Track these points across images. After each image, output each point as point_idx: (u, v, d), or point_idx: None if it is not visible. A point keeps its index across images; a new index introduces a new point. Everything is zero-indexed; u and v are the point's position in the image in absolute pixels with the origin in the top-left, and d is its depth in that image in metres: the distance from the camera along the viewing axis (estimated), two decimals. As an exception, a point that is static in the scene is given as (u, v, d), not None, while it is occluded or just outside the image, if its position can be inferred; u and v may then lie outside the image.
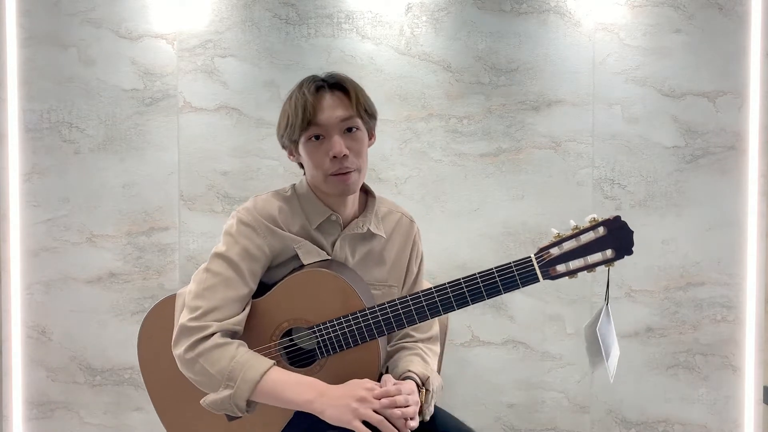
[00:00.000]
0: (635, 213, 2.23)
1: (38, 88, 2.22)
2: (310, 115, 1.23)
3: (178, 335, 1.22)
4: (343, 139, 1.24)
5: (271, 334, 1.27)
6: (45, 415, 2.26)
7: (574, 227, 1.22)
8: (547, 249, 1.20)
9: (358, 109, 1.26)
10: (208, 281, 1.24)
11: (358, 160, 1.26)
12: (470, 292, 1.22)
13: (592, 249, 1.20)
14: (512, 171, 2.23)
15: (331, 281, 1.25)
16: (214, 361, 1.18)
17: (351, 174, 1.26)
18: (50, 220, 2.23)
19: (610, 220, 1.21)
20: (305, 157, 1.28)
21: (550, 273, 1.20)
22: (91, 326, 2.24)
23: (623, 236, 1.20)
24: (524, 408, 2.26)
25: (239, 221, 1.28)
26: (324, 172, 1.26)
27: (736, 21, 2.20)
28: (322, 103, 1.24)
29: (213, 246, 1.31)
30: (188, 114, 2.22)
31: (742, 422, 2.24)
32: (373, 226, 1.35)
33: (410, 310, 1.24)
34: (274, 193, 1.34)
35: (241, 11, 2.21)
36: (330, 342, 1.25)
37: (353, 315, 1.24)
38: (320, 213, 1.31)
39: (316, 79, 1.28)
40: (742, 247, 2.22)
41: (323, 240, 1.32)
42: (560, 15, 2.21)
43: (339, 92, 1.26)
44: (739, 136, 2.21)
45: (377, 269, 1.37)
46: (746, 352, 2.23)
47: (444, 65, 2.22)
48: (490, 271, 1.21)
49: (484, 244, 2.23)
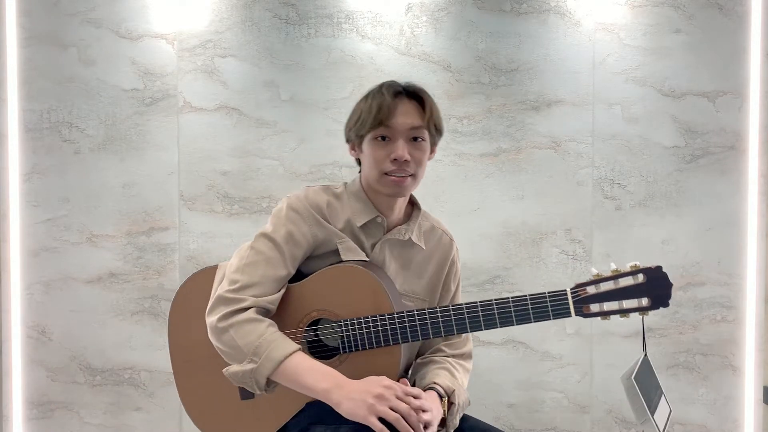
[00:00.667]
0: (635, 213, 2.23)
1: (38, 88, 2.22)
2: (383, 116, 1.27)
3: (214, 303, 1.25)
4: (407, 146, 1.29)
5: (299, 321, 1.30)
6: (45, 415, 2.26)
7: (614, 270, 1.21)
8: (584, 286, 1.21)
9: (428, 122, 1.30)
10: (250, 257, 1.27)
11: (416, 168, 1.31)
12: (500, 315, 1.23)
13: (628, 294, 1.20)
14: (512, 171, 2.23)
15: (366, 280, 1.27)
16: (244, 334, 1.20)
17: (407, 178, 1.30)
18: (50, 220, 2.23)
19: (651, 269, 1.20)
20: (367, 153, 1.32)
21: (583, 310, 1.20)
22: (91, 326, 2.24)
23: (662, 287, 1.19)
24: (524, 408, 2.26)
25: (289, 206, 1.31)
26: (381, 171, 1.29)
27: (736, 21, 2.20)
28: (398, 108, 1.28)
29: (213, 246, 1.32)
30: (188, 114, 2.22)
31: (742, 422, 2.24)
32: (415, 236, 1.38)
33: (438, 323, 1.26)
34: (324, 187, 1.37)
35: (241, 11, 2.21)
36: (354, 339, 1.27)
37: (381, 316, 1.25)
38: (367, 213, 1.34)
39: (397, 85, 1.32)
40: (742, 247, 2.22)
41: (365, 240, 1.34)
42: (560, 15, 2.21)
43: (415, 102, 1.31)
44: (739, 136, 2.21)
45: (412, 280, 1.39)
46: (746, 352, 2.23)
47: (444, 65, 2.22)
48: (523, 298, 1.22)
49: (484, 244, 2.23)
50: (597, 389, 2.26)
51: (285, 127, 2.22)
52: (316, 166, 2.22)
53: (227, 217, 2.23)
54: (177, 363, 1.39)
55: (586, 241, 2.21)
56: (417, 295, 1.39)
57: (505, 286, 2.23)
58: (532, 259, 2.23)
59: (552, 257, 2.23)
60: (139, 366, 2.24)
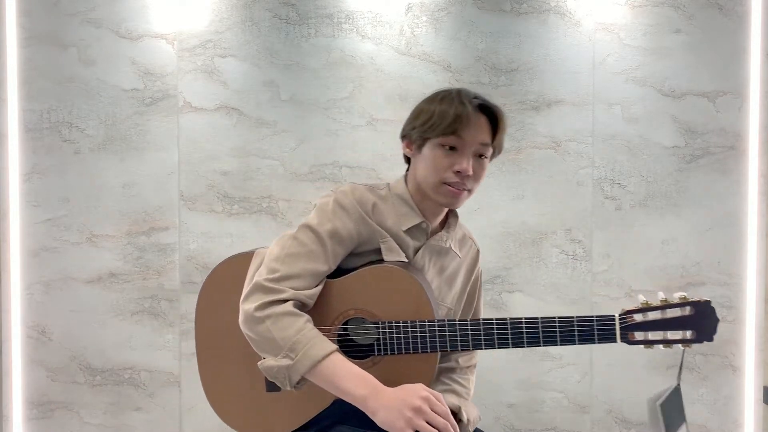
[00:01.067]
0: (635, 213, 2.23)
1: (38, 88, 2.22)
2: (459, 126, 1.24)
3: (251, 291, 1.21)
4: (472, 161, 1.27)
5: (335, 318, 1.27)
6: (45, 415, 2.26)
7: (662, 299, 1.22)
8: (632, 313, 1.21)
9: (496, 143, 1.30)
10: (292, 248, 1.24)
11: (475, 183, 1.30)
12: (544, 334, 1.22)
13: (674, 325, 1.21)
14: (512, 171, 2.23)
15: (408, 283, 1.25)
16: (282, 327, 1.17)
17: (464, 192, 1.28)
18: (50, 220, 2.23)
19: (699, 303, 1.21)
20: (428, 157, 1.28)
21: (629, 337, 1.20)
22: (91, 326, 2.24)
23: (708, 322, 1.20)
24: (524, 408, 2.26)
25: (336, 201, 1.28)
26: (441, 179, 1.27)
27: (736, 21, 2.20)
28: (474, 122, 1.26)
29: (213, 246, 1.31)
30: (188, 114, 2.22)
31: (742, 422, 2.24)
32: (454, 244, 1.38)
33: (479, 335, 1.24)
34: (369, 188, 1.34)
35: (241, 11, 2.21)
36: (391, 342, 1.24)
37: (422, 322, 1.23)
38: (413, 217, 1.32)
39: (479, 97, 1.29)
40: (742, 247, 2.22)
41: (410, 243, 1.32)
42: (560, 15, 2.21)
43: (490, 119, 1.29)
44: (739, 136, 2.21)
45: (444, 288, 1.38)
46: (746, 352, 2.23)
47: (444, 65, 2.22)
48: (570, 319, 1.21)
49: (484, 244, 2.23)
50: (597, 389, 2.26)
51: (285, 127, 2.22)
52: (316, 166, 2.22)
53: (227, 217, 2.23)
54: (201, 349, 1.35)
55: (586, 241, 2.21)
56: (446, 303, 1.38)
57: (505, 286, 2.23)
58: (532, 259, 2.23)
59: (552, 257, 2.23)
60: (139, 366, 2.24)
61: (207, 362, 1.35)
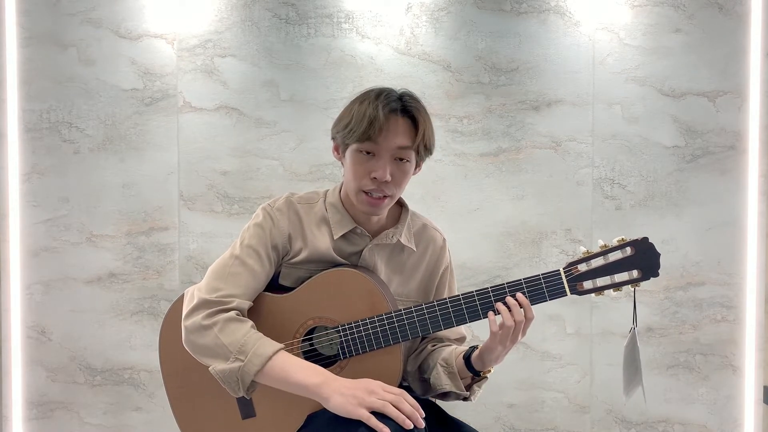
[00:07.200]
0: (635, 213, 2.23)
1: (38, 88, 2.22)
2: (372, 132, 1.22)
3: (196, 306, 1.23)
4: (390, 166, 1.24)
5: (295, 332, 1.28)
6: (45, 415, 2.26)
7: (602, 245, 1.23)
8: (575, 264, 1.22)
9: (418, 144, 1.25)
10: (233, 268, 1.27)
11: (395, 189, 1.27)
12: (497, 302, 1.22)
13: (619, 268, 1.22)
14: (512, 171, 2.23)
15: (360, 282, 1.26)
16: (230, 332, 1.19)
17: (384, 199, 1.27)
18: (50, 220, 2.23)
19: (637, 241, 1.22)
20: (349, 164, 1.28)
21: (578, 288, 1.22)
22: (90, 326, 2.24)
23: (650, 257, 1.22)
24: (524, 408, 2.26)
25: (265, 212, 1.32)
26: (359, 187, 1.26)
27: (736, 21, 2.20)
28: (389, 126, 1.23)
29: (213, 246, 1.32)
30: (188, 114, 2.22)
31: (742, 422, 2.24)
32: (404, 238, 1.36)
33: (436, 316, 1.25)
34: (304, 197, 1.36)
35: (240, 11, 2.21)
36: (354, 342, 1.25)
37: (379, 317, 1.24)
38: (346, 224, 1.32)
39: (393, 98, 1.25)
40: (742, 247, 2.22)
41: (347, 249, 1.33)
42: (560, 15, 2.21)
43: (409, 121, 1.25)
44: (739, 135, 2.21)
45: (404, 282, 1.38)
46: (746, 352, 2.23)
47: (444, 65, 2.22)
48: (518, 282, 1.22)
49: (484, 244, 2.23)
50: (597, 389, 2.25)
51: (285, 127, 2.22)
52: (315, 166, 2.22)
53: (227, 217, 2.23)
54: (172, 391, 1.36)
55: (586, 241, 2.21)
56: (410, 297, 1.38)
57: (505, 286, 2.23)
58: (532, 259, 2.23)
59: (552, 257, 2.23)
60: (139, 366, 2.24)
61: (178, 401, 1.36)
